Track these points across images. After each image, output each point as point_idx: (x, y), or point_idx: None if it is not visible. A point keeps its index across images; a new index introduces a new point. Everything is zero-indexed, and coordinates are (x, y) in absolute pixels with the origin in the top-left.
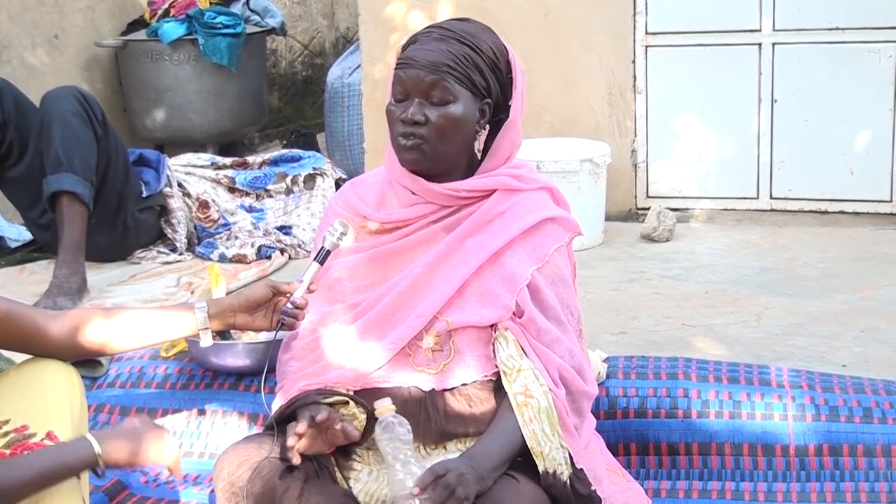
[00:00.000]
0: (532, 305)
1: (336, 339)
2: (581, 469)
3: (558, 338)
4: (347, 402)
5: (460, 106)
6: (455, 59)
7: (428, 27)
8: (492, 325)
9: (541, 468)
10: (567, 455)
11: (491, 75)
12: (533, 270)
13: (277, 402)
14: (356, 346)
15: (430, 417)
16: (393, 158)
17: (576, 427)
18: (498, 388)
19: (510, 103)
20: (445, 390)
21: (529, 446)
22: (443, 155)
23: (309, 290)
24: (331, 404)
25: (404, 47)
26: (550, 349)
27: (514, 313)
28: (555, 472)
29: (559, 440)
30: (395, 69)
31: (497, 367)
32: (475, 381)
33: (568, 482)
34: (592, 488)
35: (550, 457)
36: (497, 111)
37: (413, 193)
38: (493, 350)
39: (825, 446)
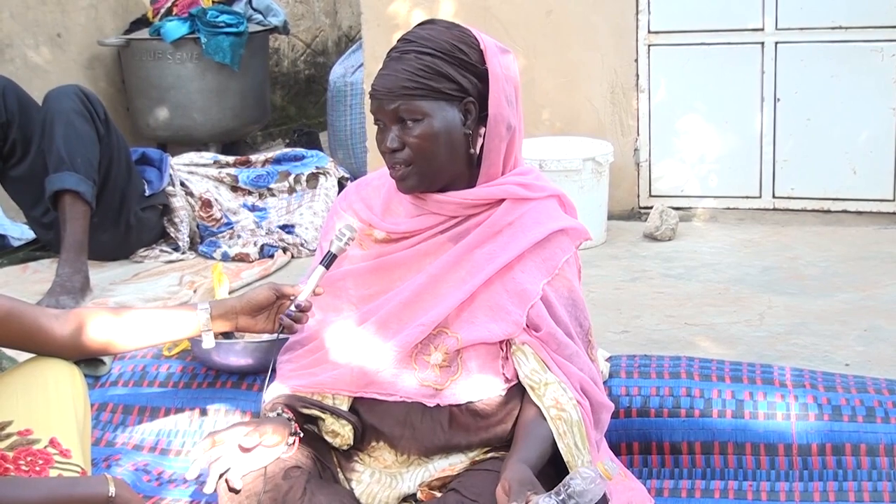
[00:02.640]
0: (550, 320)
1: (336, 343)
2: None
3: (577, 352)
4: (324, 419)
5: (434, 120)
6: (411, 77)
7: (395, 43)
8: (501, 342)
9: None
10: None
11: (462, 73)
12: (543, 284)
13: (268, 396)
14: (355, 351)
15: (433, 431)
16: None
17: (596, 441)
18: (507, 401)
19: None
20: (450, 405)
21: (566, 460)
22: (436, 171)
23: (314, 294)
24: (310, 416)
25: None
26: (571, 362)
27: (528, 328)
28: None
29: (587, 454)
30: None
31: (506, 383)
32: (482, 399)
33: None
34: (608, 499)
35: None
36: (486, 106)
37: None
38: (512, 364)
39: (828, 445)
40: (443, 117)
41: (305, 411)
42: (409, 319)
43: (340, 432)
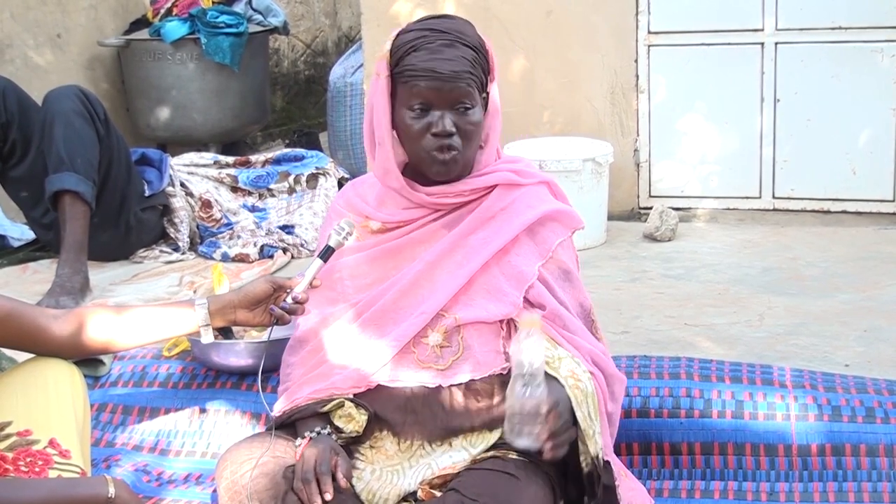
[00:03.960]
0: (552, 298)
1: (338, 339)
2: (608, 462)
3: (582, 327)
4: (343, 404)
5: (478, 109)
6: (470, 65)
7: (420, 31)
8: (500, 321)
9: (593, 451)
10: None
11: (484, 69)
12: (539, 266)
13: (280, 404)
14: (358, 346)
15: (434, 414)
16: (388, 171)
17: (610, 414)
18: (504, 382)
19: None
20: (451, 385)
21: (581, 427)
22: (469, 160)
23: (311, 286)
24: (328, 412)
25: (402, 55)
26: (579, 337)
27: (534, 307)
28: (598, 455)
29: (598, 426)
30: (408, 80)
31: (507, 361)
32: (484, 377)
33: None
34: (616, 482)
35: (595, 440)
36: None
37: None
38: (505, 344)
39: (828, 446)
40: (479, 108)
41: (324, 409)
42: (407, 308)
43: (356, 417)
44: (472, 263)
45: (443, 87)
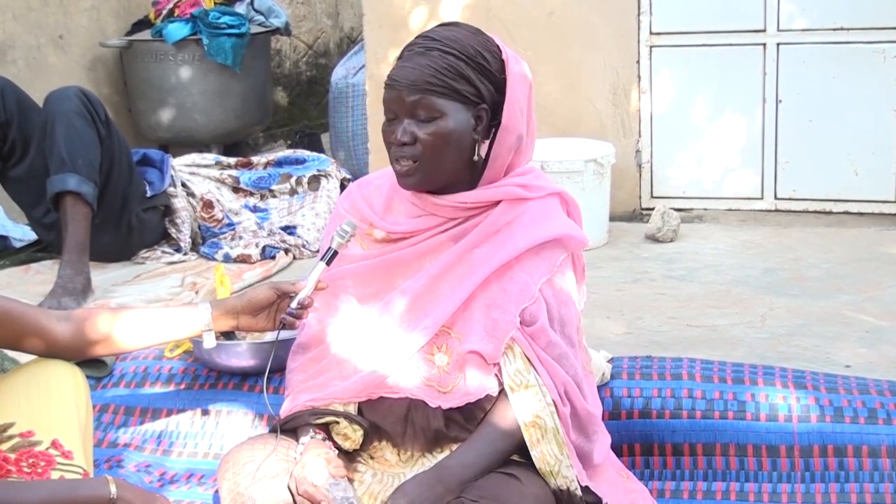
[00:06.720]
0: (545, 316)
1: (340, 349)
2: (586, 486)
3: (566, 353)
4: (339, 422)
5: (449, 120)
6: (436, 74)
7: (414, 39)
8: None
9: (552, 485)
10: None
11: (481, 79)
12: (541, 283)
13: (284, 409)
14: (361, 358)
15: (430, 425)
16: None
17: (582, 446)
18: (502, 397)
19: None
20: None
21: (538, 468)
22: (440, 171)
23: (317, 288)
24: (325, 424)
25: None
26: (558, 363)
27: (523, 323)
28: (568, 489)
29: (567, 459)
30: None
31: (500, 382)
32: (479, 399)
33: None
34: (605, 502)
35: (562, 475)
36: (497, 115)
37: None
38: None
39: (830, 447)
40: (457, 119)
41: (319, 422)
42: (411, 321)
43: (352, 436)
44: (474, 278)
45: (399, 96)
